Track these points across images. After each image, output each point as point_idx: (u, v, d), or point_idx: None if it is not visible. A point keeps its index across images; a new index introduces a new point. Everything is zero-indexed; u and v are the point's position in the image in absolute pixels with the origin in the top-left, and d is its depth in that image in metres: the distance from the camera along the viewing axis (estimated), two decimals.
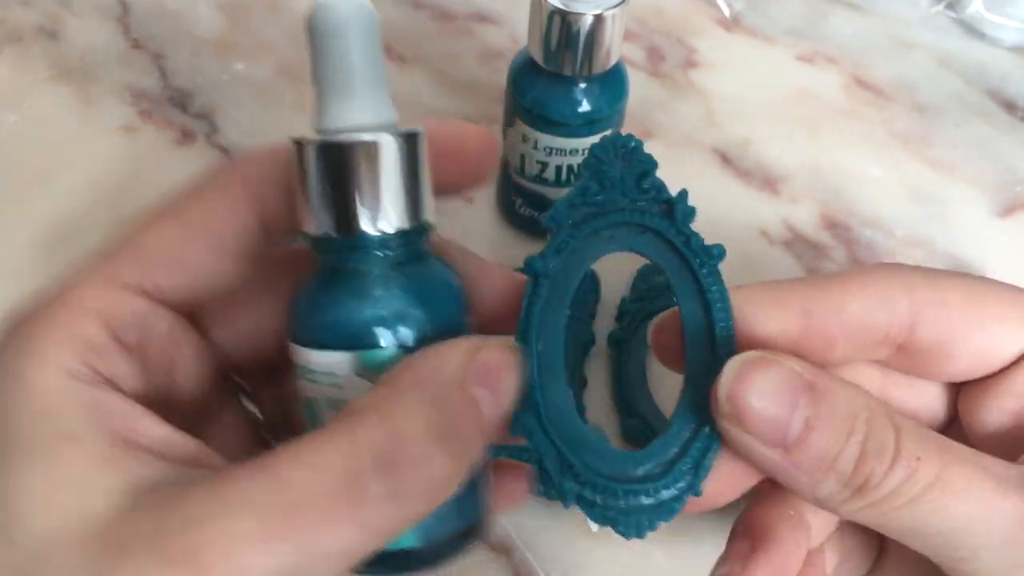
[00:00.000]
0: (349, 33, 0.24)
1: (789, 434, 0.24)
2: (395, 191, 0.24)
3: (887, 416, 0.24)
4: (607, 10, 0.40)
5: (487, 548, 0.40)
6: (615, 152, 0.26)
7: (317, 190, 0.24)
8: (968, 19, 0.61)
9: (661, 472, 0.25)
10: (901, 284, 0.26)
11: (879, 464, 0.23)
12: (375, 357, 0.23)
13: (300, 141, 0.24)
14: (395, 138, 0.24)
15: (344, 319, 0.24)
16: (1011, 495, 0.23)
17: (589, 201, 0.25)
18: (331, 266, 0.24)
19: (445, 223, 0.50)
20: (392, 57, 0.58)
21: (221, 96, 0.55)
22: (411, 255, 0.25)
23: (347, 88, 0.24)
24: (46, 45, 0.58)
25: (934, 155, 0.55)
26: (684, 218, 0.26)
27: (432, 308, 0.24)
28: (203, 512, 0.21)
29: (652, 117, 0.56)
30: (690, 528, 0.40)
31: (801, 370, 0.24)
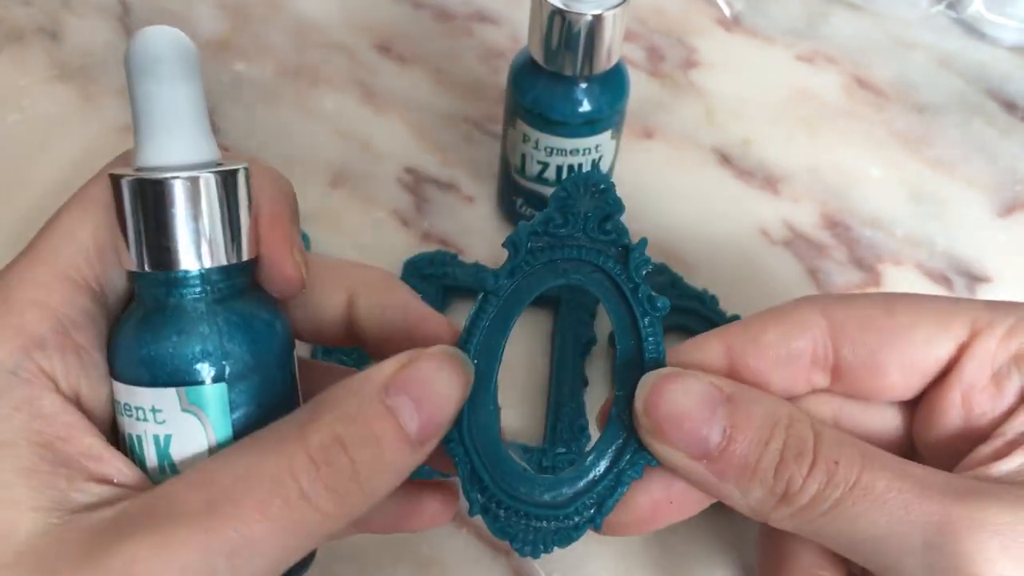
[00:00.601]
0: (165, 68, 0.23)
1: (709, 444, 0.24)
2: (214, 228, 0.24)
3: (807, 423, 0.25)
4: (607, 10, 0.40)
5: (487, 548, 0.40)
6: (586, 189, 0.26)
7: (134, 226, 0.24)
8: (968, 19, 0.61)
9: (566, 502, 0.27)
10: (816, 309, 0.27)
11: (798, 468, 0.24)
12: (200, 392, 0.24)
13: (116, 176, 0.24)
14: (213, 175, 0.24)
15: (168, 355, 0.24)
16: (932, 500, 0.23)
17: (551, 231, 0.26)
18: (151, 301, 0.24)
19: (446, 223, 0.51)
20: (392, 57, 0.58)
21: (221, 96, 0.55)
22: (233, 291, 0.25)
23: (164, 125, 0.24)
24: (46, 45, 0.58)
25: (934, 155, 0.55)
26: (637, 266, 0.26)
27: (256, 343, 0.25)
28: (136, 524, 0.21)
29: (652, 117, 0.56)
30: (690, 529, 0.40)
31: (720, 383, 0.25)
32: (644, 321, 0.27)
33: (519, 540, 0.27)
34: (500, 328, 0.27)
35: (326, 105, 0.55)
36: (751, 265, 0.49)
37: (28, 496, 0.22)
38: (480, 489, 0.26)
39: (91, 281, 0.25)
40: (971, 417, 0.27)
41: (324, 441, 0.22)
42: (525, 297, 0.27)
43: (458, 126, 0.55)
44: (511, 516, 0.26)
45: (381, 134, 0.54)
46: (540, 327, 0.46)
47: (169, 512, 0.22)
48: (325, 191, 0.51)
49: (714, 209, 0.52)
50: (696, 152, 0.54)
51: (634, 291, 0.27)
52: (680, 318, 0.45)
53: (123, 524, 0.22)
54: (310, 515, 0.22)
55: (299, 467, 0.22)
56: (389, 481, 0.23)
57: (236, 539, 0.21)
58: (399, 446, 0.23)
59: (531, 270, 0.26)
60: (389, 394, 0.23)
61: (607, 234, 0.26)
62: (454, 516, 0.40)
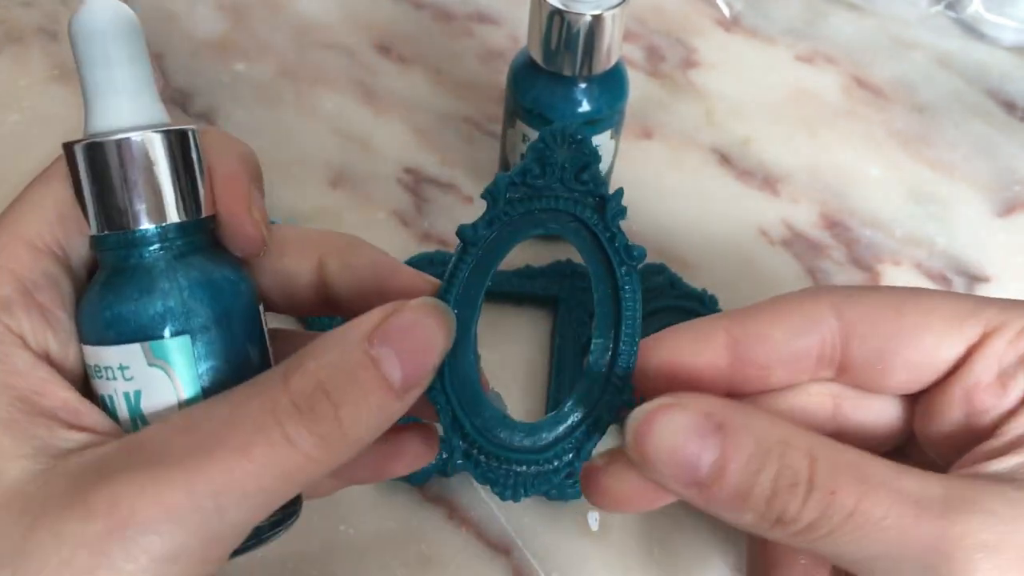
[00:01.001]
0: (108, 37, 0.25)
1: (699, 474, 0.24)
2: (166, 185, 0.25)
3: (803, 449, 0.24)
4: (607, 10, 0.40)
5: (487, 547, 0.40)
6: (562, 140, 0.26)
7: (90, 190, 0.25)
8: (968, 19, 0.61)
9: (545, 447, 0.27)
10: (826, 305, 0.27)
11: (792, 499, 0.24)
12: (164, 346, 0.24)
13: (69, 144, 0.25)
14: (159, 134, 0.25)
15: (131, 313, 0.24)
16: (929, 521, 0.23)
17: (528, 182, 0.26)
18: (113, 264, 0.25)
19: (446, 223, 0.51)
20: (392, 57, 0.58)
21: (221, 96, 0.56)
22: (192, 248, 0.25)
23: (111, 91, 0.25)
24: (46, 45, 0.58)
25: (934, 155, 0.55)
26: (614, 216, 0.27)
27: (217, 297, 0.25)
28: (120, 465, 0.22)
29: (652, 117, 0.56)
30: (690, 528, 0.40)
31: (712, 410, 0.25)
32: (621, 270, 0.27)
33: (500, 484, 0.27)
34: (479, 278, 0.27)
35: (326, 105, 0.55)
36: (751, 265, 0.49)
37: (10, 445, 0.22)
38: (462, 436, 0.27)
39: (53, 246, 0.25)
40: (973, 414, 0.27)
41: (307, 387, 0.23)
42: (504, 247, 0.27)
43: (458, 126, 0.55)
44: (492, 462, 0.27)
45: (381, 134, 0.54)
46: (540, 327, 0.46)
47: (154, 453, 0.22)
48: (325, 191, 0.51)
49: (714, 209, 0.52)
50: (696, 152, 0.54)
51: (611, 240, 0.27)
52: (680, 318, 0.45)
53: (107, 465, 0.22)
54: (294, 458, 0.22)
55: (282, 411, 0.22)
56: (373, 428, 0.24)
57: (221, 479, 0.22)
58: (382, 394, 0.23)
59: (509, 220, 0.27)
60: (372, 344, 0.23)
61: (584, 184, 0.27)
62: (452, 514, 0.40)
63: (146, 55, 0.25)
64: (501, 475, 0.27)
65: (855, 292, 0.27)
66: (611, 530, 0.40)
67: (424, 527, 0.40)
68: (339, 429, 0.23)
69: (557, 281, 0.46)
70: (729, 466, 0.24)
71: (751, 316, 0.27)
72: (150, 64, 0.25)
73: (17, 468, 0.22)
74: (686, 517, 0.40)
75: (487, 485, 0.27)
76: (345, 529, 0.40)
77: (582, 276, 0.46)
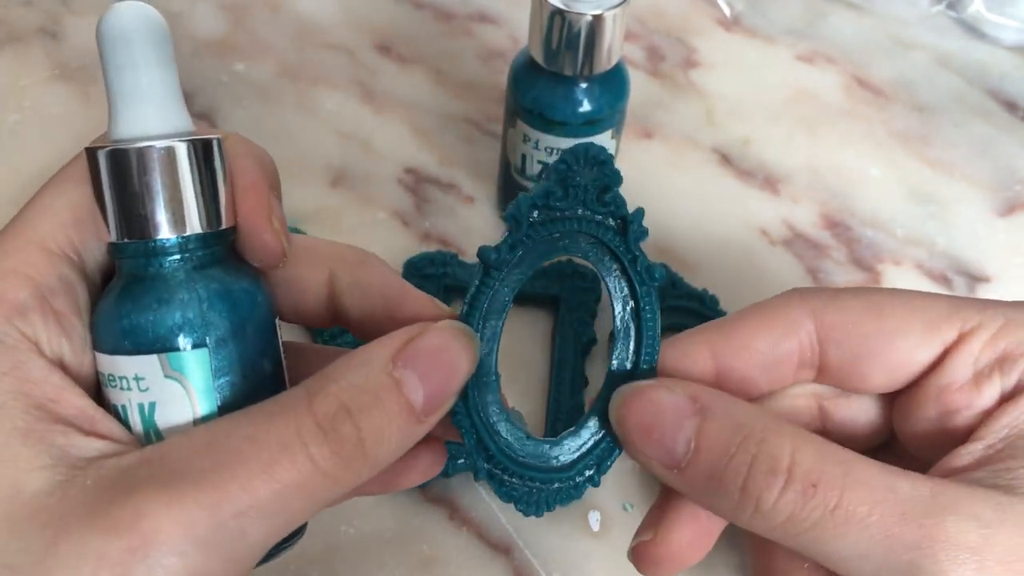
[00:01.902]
0: (136, 42, 0.24)
1: (676, 455, 0.25)
2: (189, 196, 0.24)
3: (785, 439, 0.24)
4: (607, 10, 0.40)
5: (487, 548, 0.40)
6: (585, 161, 0.26)
7: (111, 197, 0.24)
8: (968, 19, 0.61)
9: (567, 465, 0.28)
10: (804, 310, 0.27)
11: (767, 487, 0.24)
12: (181, 358, 0.24)
13: (91, 149, 0.24)
14: (185, 144, 0.24)
15: (149, 323, 0.24)
16: (913, 523, 0.23)
17: (551, 204, 0.26)
18: (131, 272, 0.25)
19: (446, 223, 0.51)
20: (392, 57, 0.58)
21: (221, 96, 0.55)
22: (211, 259, 0.25)
23: (137, 97, 0.24)
24: (46, 45, 0.58)
25: (934, 155, 0.55)
26: (636, 238, 0.27)
27: (236, 310, 0.25)
28: (142, 479, 0.22)
29: (652, 117, 0.56)
30: None
31: (697, 394, 0.25)
32: (642, 291, 0.27)
33: (523, 502, 0.27)
34: (501, 302, 0.27)
35: (326, 105, 0.55)
36: (751, 265, 0.49)
37: (28, 455, 0.22)
38: (486, 458, 0.27)
39: (68, 250, 0.25)
40: (947, 414, 0.27)
41: (331, 409, 0.23)
42: (526, 270, 0.27)
43: (458, 126, 0.55)
44: (515, 480, 0.27)
45: (381, 134, 0.54)
46: (540, 327, 0.46)
47: (177, 469, 0.22)
48: (325, 191, 0.51)
49: (714, 209, 0.52)
50: (696, 152, 0.54)
51: (633, 262, 0.27)
52: (680, 318, 0.45)
53: (129, 478, 0.22)
54: (316, 479, 0.22)
55: (307, 432, 0.22)
56: (394, 450, 0.24)
57: (244, 498, 0.22)
58: (404, 417, 0.23)
59: (532, 244, 0.27)
60: (396, 366, 0.23)
61: (606, 206, 0.27)
62: (453, 515, 0.40)
63: (173, 61, 0.25)
64: (524, 493, 0.27)
65: (832, 296, 0.28)
66: (611, 530, 0.40)
67: (425, 527, 0.40)
68: (361, 450, 0.23)
69: (558, 281, 0.46)
70: (703, 447, 0.24)
71: (732, 328, 0.28)
72: (176, 69, 0.25)
73: (38, 480, 0.22)
74: None
75: (511, 503, 0.27)
76: (346, 529, 0.40)
77: (582, 276, 0.46)
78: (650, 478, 0.41)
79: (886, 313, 0.27)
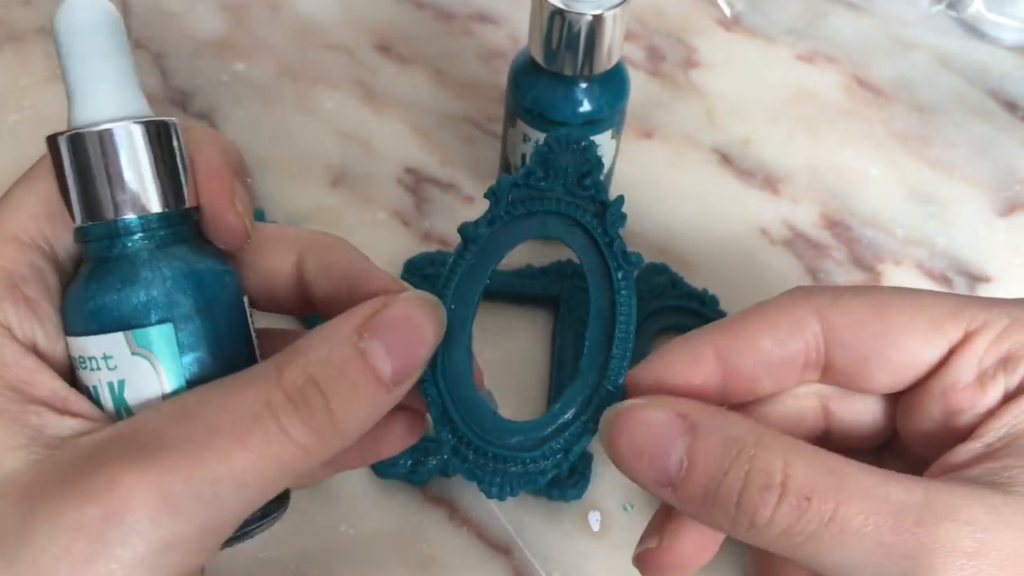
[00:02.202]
0: (89, 33, 0.25)
1: (669, 474, 0.25)
2: (148, 175, 0.25)
3: (777, 453, 0.24)
4: (607, 10, 0.40)
5: (487, 547, 0.40)
6: (567, 146, 0.27)
7: (73, 181, 0.25)
8: (968, 19, 0.61)
9: (533, 445, 0.27)
10: (809, 310, 0.27)
11: (762, 501, 0.24)
12: (147, 334, 0.25)
13: (51, 136, 0.25)
14: (139, 125, 0.25)
15: (114, 302, 0.25)
16: (909, 530, 0.23)
17: (532, 184, 0.27)
18: (96, 255, 0.25)
19: (446, 223, 0.51)
20: (392, 57, 0.58)
21: (221, 96, 0.55)
22: (175, 238, 0.26)
23: (92, 83, 0.25)
24: (46, 45, 0.58)
25: (934, 155, 0.55)
26: (613, 222, 0.27)
27: (201, 287, 0.25)
28: (115, 450, 0.22)
29: (652, 117, 0.56)
30: None
31: (686, 411, 0.25)
32: (618, 275, 0.28)
33: (486, 482, 0.27)
34: (477, 276, 0.27)
35: (326, 105, 0.55)
36: (751, 265, 0.49)
37: (3, 436, 0.23)
38: (451, 429, 0.27)
39: (39, 241, 0.25)
40: (951, 414, 0.27)
41: (299, 380, 0.23)
42: (504, 247, 0.27)
43: (458, 126, 0.55)
44: (480, 458, 0.27)
45: (381, 134, 0.54)
46: (540, 327, 0.46)
47: (149, 440, 0.22)
48: (325, 191, 0.51)
49: (714, 209, 0.52)
50: (696, 152, 0.54)
51: (609, 245, 0.27)
52: (680, 318, 0.45)
53: (103, 452, 0.22)
54: (289, 449, 0.23)
55: (277, 403, 0.23)
56: (364, 420, 0.24)
57: (219, 468, 0.22)
58: (372, 387, 0.24)
59: (510, 220, 0.27)
60: (362, 337, 0.24)
61: (586, 190, 0.27)
62: (452, 514, 0.40)
63: (127, 49, 0.26)
64: (488, 472, 0.27)
65: (837, 295, 0.28)
66: (611, 530, 0.40)
67: (425, 527, 0.40)
68: (331, 421, 0.23)
69: (558, 281, 0.46)
70: (696, 465, 0.24)
71: (737, 328, 0.27)
72: (131, 58, 0.26)
73: (12, 459, 0.22)
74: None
75: (473, 481, 0.27)
76: (346, 529, 0.40)
77: (582, 276, 0.46)
78: None
79: (891, 313, 0.27)
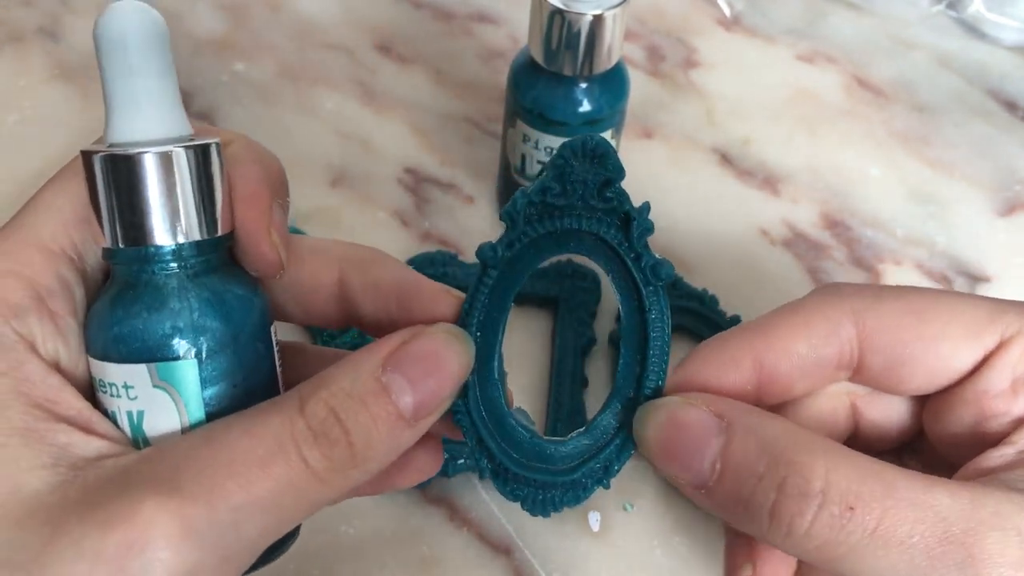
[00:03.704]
0: (133, 44, 0.23)
1: (702, 476, 0.24)
2: (185, 202, 0.24)
3: (819, 458, 0.23)
4: (607, 10, 0.40)
5: (487, 548, 0.40)
6: (584, 154, 0.25)
7: (106, 202, 0.24)
8: (968, 19, 0.61)
9: (574, 466, 0.27)
10: (844, 311, 0.27)
11: (799, 509, 0.23)
12: (170, 368, 0.24)
13: (87, 152, 0.24)
14: (183, 149, 0.24)
15: (139, 331, 0.24)
16: (955, 540, 0.23)
17: (548, 201, 0.25)
18: (125, 278, 0.24)
19: (446, 223, 0.51)
20: (392, 57, 0.58)
21: (221, 96, 0.55)
22: (206, 266, 0.25)
23: (134, 101, 0.24)
24: (46, 45, 0.58)
25: (934, 155, 0.55)
26: (640, 235, 0.26)
27: (229, 319, 0.24)
28: (139, 478, 0.22)
29: (652, 117, 0.56)
30: (691, 529, 0.40)
31: (723, 410, 0.24)
32: (647, 290, 0.26)
33: (529, 502, 0.27)
34: (501, 300, 0.26)
35: (326, 105, 0.55)
36: (751, 265, 0.49)
37: (28, 455, 0.22)
38: (488, 456, 0.27)
39: (68, 249, 0.25)
40: (983, 419, 0.27)
41: (320, 412, 0.23)
42: (526, 268, 0.26)
43: (458, 126, 0.55)
44: (519, 480, 0.27)
45: (381, 134, 0.54)
46: (540, 327, 0.46)
47: (174, 467, 0.22)
48: (325, 191, 0.51)
49: (714, 209, 0.52)
50: (696, 152, 0.54)
51: (636, 260, 0.26)
52: (680, 318, 0.45)
53: (128, 476, 0.22)
54: (309, 480, 0.23)
55: (298, 433, 0.23)
56: (384, 454, 0.24)
57: (240, 494, 0.22)
58: (392, 422, 0.23)
59: (530, 241, 0.26)
60: (385, 371, 0.23)
61: (607, 201, 0.25)
62: (453, 515, 0.40)
63: (172, 64, 0.24)
64: (530, 494, 0.27)
65: (873, 296, 0.27)
66: (611, 530, 0.40)
67: (425, 527, 0.40)
68: (351, 454, 0.23)
69: (557, 281, 0.46)
70: (728, 468, 0.24)
71: (773, 330, 0.27)
72: (175, 72, 0.25)
73: (37, 480, 0.22)
74: (687, 517, 0.40)
75: (516, 503, 0.27)
76: (346, 529, 0.40)
77: (582, 276, 0.46)
78: (651, 479, 0.41)
79: (928, 317, 0.26)
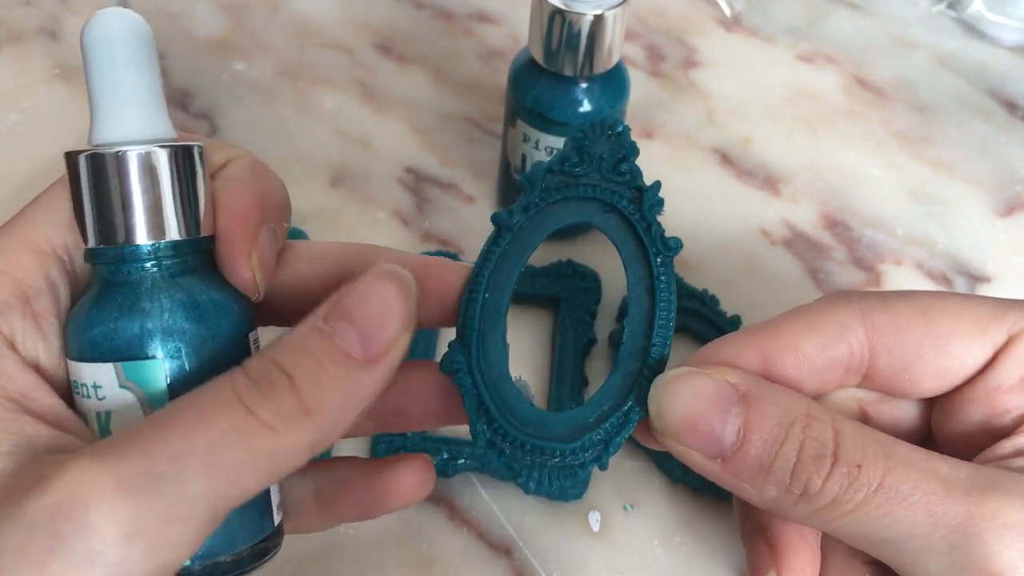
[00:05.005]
0: (118, 48, 0.24)
1: (723, 444, 0.24)
2: (164, 203, 0.24)
3: (827, 423, 0.24)
4: (608, 10, 0.40)
5: (487, 548, 0.40)
6: (602, 132, 0.27)
7: (88, 201, 0.24)
8: (968, 19, 0.61)
9: (572, 437, 0.26)
10: (853, 313, 0.27)
11: (816, 471, 0.24)
12: (137, 368, 0.24)
13: (70, 153, 0.24)
14: (163, 150, 0.24)
15: (110, 331, 0.24)
16: (956, 500, 0.23)
17: (567, 170, 0.27)
18: (104, 278, 0.25)
19: (446, 223, 0.51)
20: (392, 57, 0.58)
21: (221, 96, 0.55)
22: (184, 267, 0.25)
23: (117, 101, 0.24)
24: (46, 45, 0.58)
25: (934, 155, 0.55)
26: (651, 207, 0.27)
27: (203, 322, 0.24)
28: (83, 451, 0.21)
29: (652, 117, 0.56)
30: (692, 528, 0.40)
31: (737, 380, 0.25)
32: (657, 260, 0.27)
33: (524, 475, 0.27)
34: (513, 264, 0.27)
35: (326, 105, 0.55)
36: (751, 265, 0.49)
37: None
38: (487, 420, 0.26)
39: (60, 251, 0.25)
40: (994, 416, 0.27)
41: (262, 364, 0.22)
42: (538, 234, 0.27)
43: (458, 126, 0.55)
44: (516, 451, 0.26)
45: (381, 134, 0.54)
46: (540, 327, 0.46)
47: (118, 438, 0.22)
48: (325, 191, 0.51)
49: (714, 209, 0.52)
50: (696, 152, 0.54)
51: (647, 230, 0.27)
52: (680, 318, 0.45)
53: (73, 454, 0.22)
54: (256, 427, 0.22)
55: (239, 385, 0.22)
56: (343, 400, 0.23)
57: (178, 445, 0.21)
58: (338, 361, 0.23)
59: (545, 207, 0.27)
60: (327, 321, 0.23)
61: (622, 175, 0.27)
62: (452, 515, 0.40)
63: (156, 65, 0.25)
64: (526, 465, 0.26)
65: (882, 299, 0.27)
66: (611, 530, 0.40)
67: (425, 528, 0.40)
68: (298, 399, 0.22)
69: (558, 281, 0.46)
70: (752, 436, 0.24)
71: (781, 330, 0.27)
72: (159, 75, 0.25)
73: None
74: (688, 517, 0.40)
75: (511, 476, 0.27)
76: (346, 530, 0.40)
77: (583, 276, 0.46)
78: (651, 479, 0.41)
79: (936, 316, 0.27)
